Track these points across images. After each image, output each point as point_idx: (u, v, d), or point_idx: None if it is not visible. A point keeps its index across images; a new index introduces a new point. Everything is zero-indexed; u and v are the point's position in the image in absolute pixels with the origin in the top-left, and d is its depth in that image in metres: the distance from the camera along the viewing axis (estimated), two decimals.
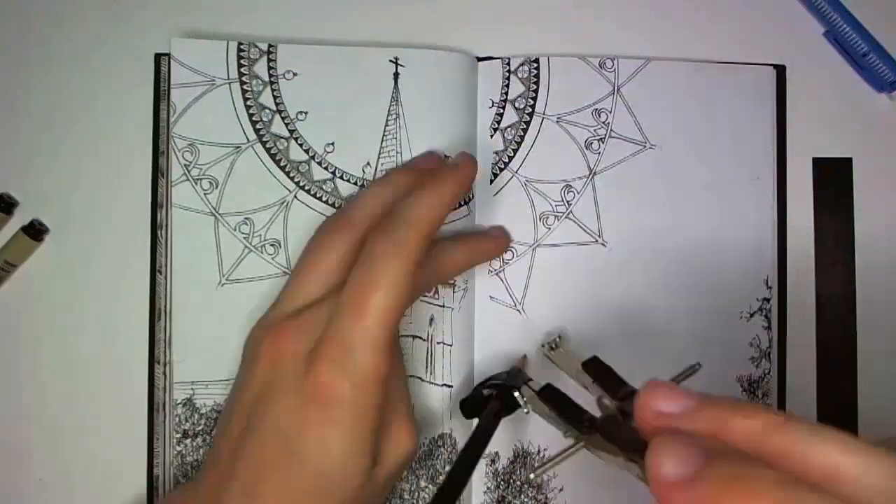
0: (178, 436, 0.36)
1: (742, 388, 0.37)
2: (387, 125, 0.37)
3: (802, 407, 0.38)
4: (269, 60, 0.36)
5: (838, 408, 0.38)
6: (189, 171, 0.36)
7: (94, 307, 0.37)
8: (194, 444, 0.36)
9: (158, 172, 0.37)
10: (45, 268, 0.36)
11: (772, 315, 0.37)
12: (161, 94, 0.37)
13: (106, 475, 0.36)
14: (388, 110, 0.37)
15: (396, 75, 0.37)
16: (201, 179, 0.36)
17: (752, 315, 0.37)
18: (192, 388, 0.36)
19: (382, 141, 0.37)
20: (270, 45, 0.36)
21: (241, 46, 0.36)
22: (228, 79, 0.36)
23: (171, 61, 0.35)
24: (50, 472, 0.36)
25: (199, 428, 0.36)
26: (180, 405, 0.36)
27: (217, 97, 0.36)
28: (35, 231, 0.35)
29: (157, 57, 0.37)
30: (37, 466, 0.36)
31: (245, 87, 0.36)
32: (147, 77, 0.37)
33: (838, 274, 0.38)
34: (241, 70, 0.36)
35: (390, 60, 0.37)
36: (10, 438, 0.36)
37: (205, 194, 0.36)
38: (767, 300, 0.37)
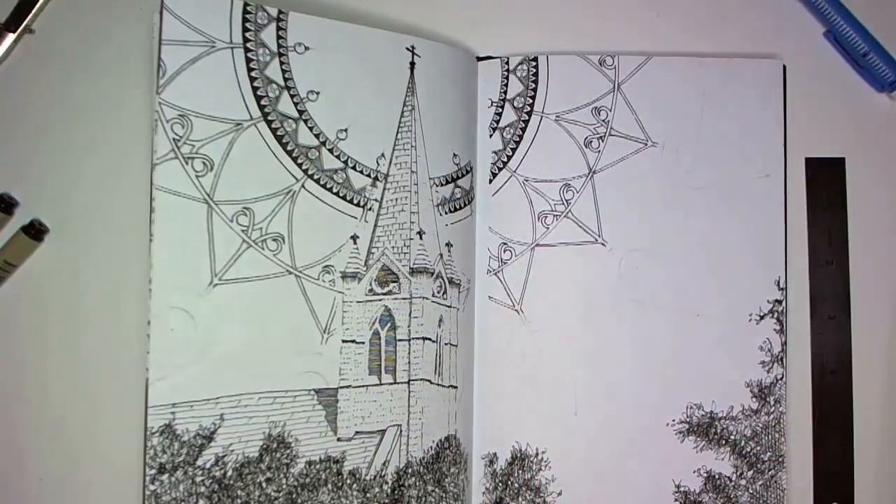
0: (153, 471, 0.29)
1: (752, 395, 0.37)
2: (402, 116, 0.34)
3: (799, 410, 0.38)
4: (279, 28, 0.32)
5: (835, 409, 0.38)
6: (179, 148, 0.30)
7: (94, 307, 0.35)
8: (172, 479, 0.30)
9: None
10: (45, 268, 0.35)
11: (784, 318, 0.37)
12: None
13: (106, 475, 0.35)
14: (405, 101, 0.34)
15: (413, 65, 0.35)
16: (193, 158, 0.30)
17: (761, 318, 0.37)
18: (172, 412, 0.30)
19: (398, 133, 0.34)
20: (281, 11, 0.32)
21: (248, 7, 0.31)
22: (231, 43, 0.31)
23: (164, 12, 0.29)
24: (50, 472, 0.34)
25: (180, 459, 0.30)
26: (157, 434, 0.29)
27: (216, 62, 0.30)
28: (35, 231, 0.34)
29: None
30: (37, 466, 0.35)
31: (250, 55, 0.31)
32: (147, 77, 0.32)
33: (832, 274, 0.38)
34: (247, 35, 0.31)
35: (407, 48, 0.34)
36: (10, 438, 0.34)
37: (197, 177, 0.30)
38: (780, 302, 0.37)
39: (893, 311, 0.39)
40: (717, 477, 0.36)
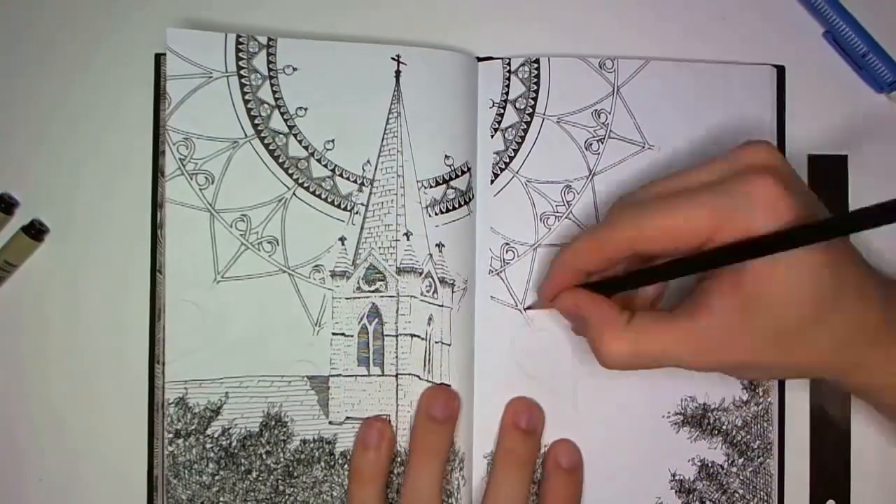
0: (171, 435, 0.35)
1: (742, 386, 0.37)
2: (388, 123, 0.36)
3: (797, 404, 0.38)
4: (269, 54, 0.36)
5: (832, 407, 0.38)
6: (184, 166, 0.35)
7: (95, 307, 0.36)
8: (186, 443, 0.35)
9: (159, 172, 0.36)
10: (45, 268, 0.36)
11: None
12: (161, 93, 0.36)
13: (106, 475, 0.36)
14: (390, 108, 0.36)
15: (398, 73, 0.36)
16: (197, 174, 0.35)
17: None
18: (185, 387, 0.35)
19: (383, 139, 0.36)
20: (270, 39, 0.36)
21: (240, 39, 0.35)
22: (226, 72, 0.35)
23: (167, 52, 0.34)
24: (50, 472, 0.36)
25: (192, 427, 0.35)
26: (173, 405, 0.35)
27: (214, 90, 0.35)
28: (35, 231, 0.35)
29: (158, 57, 0.36)
30: (37, 466, 0.35)
31: (243, 80, 0.35)
32: (147, 77, 0.37)
33: None
34: (240, 63, 0.35)
35: (392, 58, 0.36)
36: (10, 438, 0.36)
37: (200, 190, 0.35)
38: None
39: None
40: (710, 465, 0.37)
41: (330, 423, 0.36)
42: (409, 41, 0.38)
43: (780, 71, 0.38)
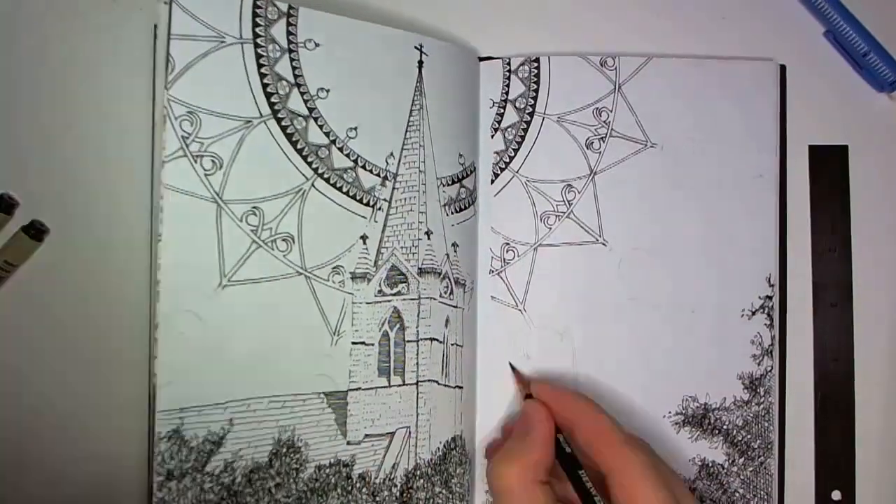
0: (161, 478, 0.28)
1: (744, 386, 0.38)
2: (411, 115, 0.34)
3: (801, 402, 0.39)
4: (289, 24, 0.31)
5: (835, 401, 0.39)
6: (187, 146, 0.29)
7: (95, 308, 0.34)
8: (180, 486, 0.29)
9: (156, 154, 0.29)
10: (45, 268, 0.34)
11: (774, 313, 0.38)
12: (166, 61, 0.29)
13: (106, 476, 0.34)
14: (413, 100, 0.34)
15: (421, 63, 0.34)
16: (202, 157, 0.29)
17: (753, 313, 0.38)
18: (180, 417, 0.29)
19: (406, 132, 0.34)
20: (291, 7, 0.31)
21: (258, 2, 0.30)
22: (241, 38, 0.30)
23: (174, 5, 0.28)
24: (50, 473, 0.34)
25: (188, 465, 0.29)
26: (164, 440, 0.28)
27: (226, 57, 0.29)
28: (35, 231, 0.33)
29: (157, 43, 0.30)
30: (36, 467, 0.33)
31: (260, 50, 0.30)
32: (148, 77, 0.31)
33: (835, 262, 0.39)
34: (257, 30, 0.30)
35: (416, 47, 0.34)
36: (9, 439, 0.34)
37: (206, 175, 0.29)
38: (770, 297, 0.38)
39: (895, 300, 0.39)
40: (710, 465, 0.38)
41: (348, 443, 0.32)
42: (421, 30, 0.36)
43: (781, 70, 0.39)
